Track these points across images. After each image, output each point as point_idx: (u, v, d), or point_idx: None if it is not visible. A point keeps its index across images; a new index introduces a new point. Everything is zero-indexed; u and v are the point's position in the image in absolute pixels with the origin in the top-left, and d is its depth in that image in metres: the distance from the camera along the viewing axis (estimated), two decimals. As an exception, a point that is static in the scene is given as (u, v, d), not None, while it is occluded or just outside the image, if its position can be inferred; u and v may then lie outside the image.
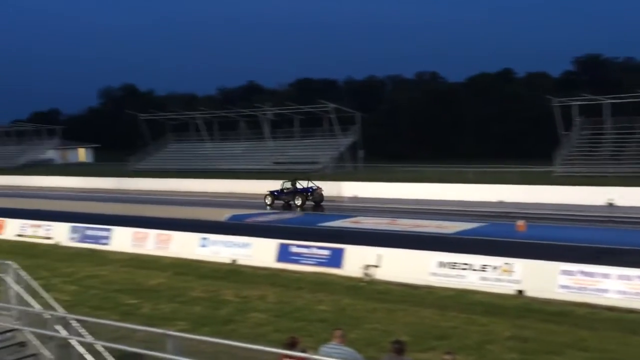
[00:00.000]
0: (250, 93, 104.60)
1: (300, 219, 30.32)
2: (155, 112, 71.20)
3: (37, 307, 10.21)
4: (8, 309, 10.44)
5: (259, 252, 20.38)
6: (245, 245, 20.91)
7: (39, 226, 26.80)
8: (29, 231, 26.95)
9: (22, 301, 10.37)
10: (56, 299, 11.11)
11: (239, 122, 67.97)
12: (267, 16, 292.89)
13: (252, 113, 65.23)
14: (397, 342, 8.62)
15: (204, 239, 21.96)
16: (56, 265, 21.19)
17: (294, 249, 19.70)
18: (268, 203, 37.77)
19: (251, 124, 67.27)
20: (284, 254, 19.79)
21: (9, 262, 10.69)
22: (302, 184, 37.93)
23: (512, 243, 21.96)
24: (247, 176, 50.83)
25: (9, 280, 10.53)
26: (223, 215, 31.47)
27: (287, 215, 31.53)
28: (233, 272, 19.43)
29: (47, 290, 11.23)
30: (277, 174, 52.23)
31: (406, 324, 13.64)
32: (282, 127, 65.67)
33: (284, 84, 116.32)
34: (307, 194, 37.32)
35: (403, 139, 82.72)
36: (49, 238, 25.89)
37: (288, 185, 37.86)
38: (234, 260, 20.58)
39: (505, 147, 70.99)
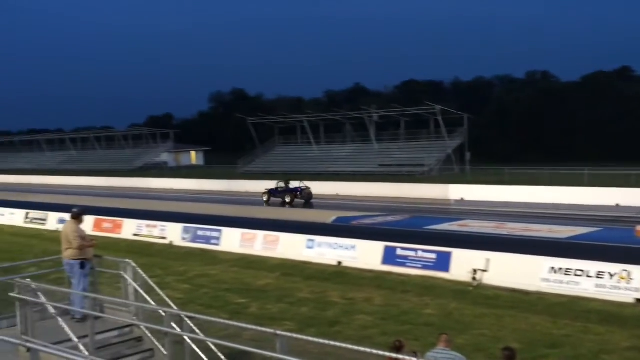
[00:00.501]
0: (356, 96, 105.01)
1: (406, 221, 30.07)
2: (264, 115, 72.74)
3: (153, 303, 10.62)
4: (127, 305, 10.93)
5: (365, 255, 20.37)
6: (350, 247, 20.96)
7: (154, 226, 27.88)
8: (145, 231, 28.08)
9: (139, 298, 10.83)
10: (170, 297, 11.52)
11: (345, 125, 68.34)
12: (373, 18, 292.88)
13: (358, 116, 65.41)
14: (508, 349, 8.39)
15: (310, 240, 22.17)
16: (170, 264, 22.01)
17: (400, 252, 19.56)
18: (265, 200, 42.14)
19: (357, 127, 67.50)
20: (389, 257, 19.69)
21: (128, 260, 11.19)
22: (293, 184, 41.93)
23: (630, 249, 20.90)
24: (352, 179, 51.01)
25: (128, 277, 11.01)
26: (329, 217, 31.69)
27: (393, 218, 31.35)
28: (339, 274, 19.52)
29: (162, 288, 11.67)
30: (383, 176, 52.20)
31: (516, 331, 13.27)
32: (387, 129, 65.53)
33: (390, 86, 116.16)
34: (296, 192, 41.08)
35: (512, 141, 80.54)
36: (163, 238, 26.89)
37: (282, 185, 41.93)
38: (340, 262, 20.68)
39: (623, 149, 67.68)
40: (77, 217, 11.57)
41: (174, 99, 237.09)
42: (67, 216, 12.17)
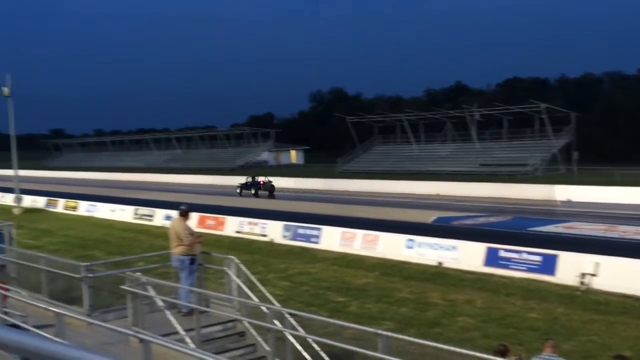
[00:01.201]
0: (457, 94, 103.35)
1: (509, 222, 29.29)
2: (363, 114, 72.82)
3: (255, 299, 10.81)
4: (230, 301, 11.17)
5: (466, 256, 19.98)
6: (451, 247, 20.61)
7: (255, 224, 28.38)
8: (246, 228, 28.62)
9: (242, 293, 11.05)
10: (271, 294, 11.70)
11: (445, 124, 67.41)
12: (474, 13, 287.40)
13: (459, 114, 64.37)
14: (620, 357, 8.01)
15: (410, 240, 21.97)
16: (271, 261, 22.33)
17: (503, 254, 19.06)
18: (238, 192, 50.83)
19: (457, 126, 66.46)
20: (492, 258, 19.23)
21: (232, 257, 11.44)
22: (260, 179, 51.03)
23: None
24: (453, 178, 50.24)
25: (231, 273, 11.26)
26: (429, 217, 31.31)
27: (495, 219, 30.62)
28: (439, 275, 19.25)
29: (263, 285, 11.87)
30: (484, 176, 51.11)
31: (627, 338, 12.64)
32: (489, 128, 64.19)
33: (492, 84, 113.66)
34: (259, 185, 49.95)
35: (622, 139, 76.95)
36: (264, 235, 27.33)
37: (250, 179, 51.37)
38: (440, 263, 20.38)
39: None
40: (185, 215, 11.91)
41: (274, 98, 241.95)
42: (173, 213, 12.58)
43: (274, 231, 27.07)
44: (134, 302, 10.30)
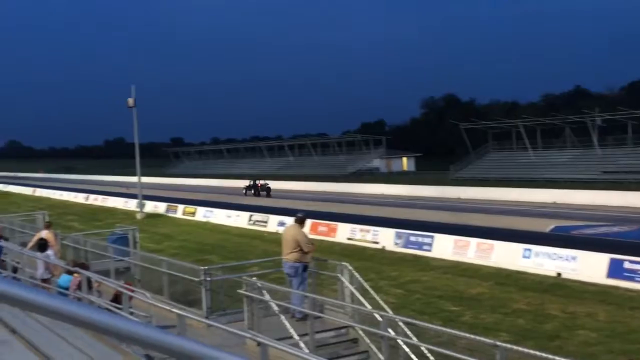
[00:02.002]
0: (577, 99, 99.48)
1: (635, 233, 27.77)
2: (476, 121, 71.35)
3: (368, 306, 10.81)
4: (343, 307, 11.23)
5: (587, 267, 19.13)
6: (571, 258, 19.79)
7: (367, 231, 28.38)
8: (358, 235, 28.67)
9: (354, 300, 11.07)
10: (383, 301, 11.66)
11: (564, 130, 64.96)
12: (595, 13, 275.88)
13: (579, 120, 61.85)
14: None
15: (527, 249, 21.29)
16: (382, 269, 22.26)
17: (628, 265, 18.10)
18: (244, 193, 59.56)
19: (577, 131, 63.87)
20: (616, 270, 18.30)
21: (345, 264, 11.50)
22: (258, 182, 60.98)
23: None
24: (572, 186, 48.32)
25: (345, 280, 11.31)
26: (546, 226, 30.25)
27: (619, 229, 29.15)
28: (557, 286, 18.53)
29: (375, 292, 11.84)
30: (606, 184, 48.84)
31: None
32: (612, 133, 61.27)
33: (615, 87, 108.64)
34: (258, 187, 59.88)
35: None
36: (375, 242, 27.29)
37: (251, 183, 61.19)
38: (559, 274, 19.62)
39: None
40: (301, 222, 12.06)
41: (386, 105, 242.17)
42: (285, 219, 12.81)
43: (385, 238, 26.98)
44: (250, 306, 10.54)
